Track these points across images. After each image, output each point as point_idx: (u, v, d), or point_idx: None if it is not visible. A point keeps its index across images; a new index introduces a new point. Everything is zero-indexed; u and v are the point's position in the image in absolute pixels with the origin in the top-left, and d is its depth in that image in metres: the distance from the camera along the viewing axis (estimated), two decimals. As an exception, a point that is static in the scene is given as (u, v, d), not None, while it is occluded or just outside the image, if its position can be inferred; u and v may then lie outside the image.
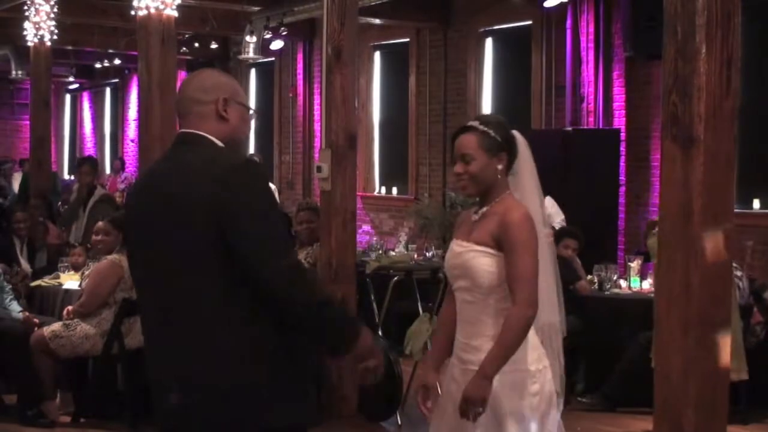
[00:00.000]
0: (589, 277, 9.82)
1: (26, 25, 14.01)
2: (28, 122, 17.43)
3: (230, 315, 3.56)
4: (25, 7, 13.97)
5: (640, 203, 12.91)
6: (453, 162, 4.57)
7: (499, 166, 4.47)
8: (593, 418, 8.59)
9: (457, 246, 4.53)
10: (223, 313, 3.56)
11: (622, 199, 12.85)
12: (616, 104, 13.07)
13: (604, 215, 12.39)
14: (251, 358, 3.58)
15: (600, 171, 12.44)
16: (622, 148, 12.80)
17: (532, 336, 4.41)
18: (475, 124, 4.54)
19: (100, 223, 9.00)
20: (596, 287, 9.74)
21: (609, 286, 9.72)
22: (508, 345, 4.23)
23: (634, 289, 9.73)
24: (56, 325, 8.66)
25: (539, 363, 4.43)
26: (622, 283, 9.85)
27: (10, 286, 9.68)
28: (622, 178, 12.83)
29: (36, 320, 9.13)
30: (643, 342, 8.57)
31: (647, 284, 9.65)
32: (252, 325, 3.57)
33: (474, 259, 4.42)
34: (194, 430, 3.63)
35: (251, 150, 19.14)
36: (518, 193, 4.53)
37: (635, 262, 9.91)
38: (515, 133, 4.58)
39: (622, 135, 12.85)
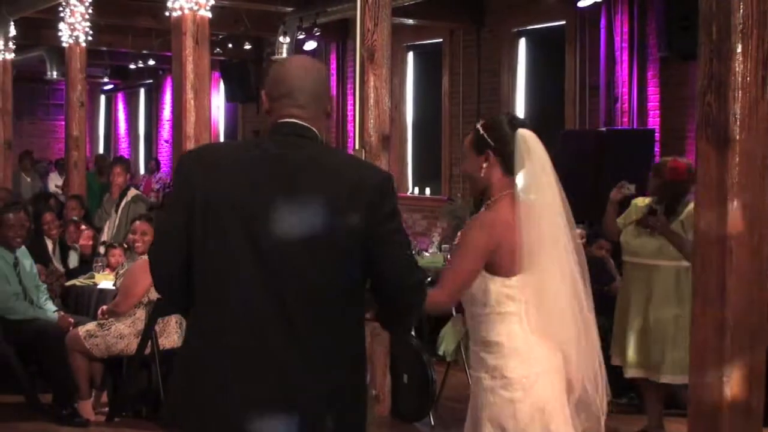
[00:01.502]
0: (620, 277, 9.77)
1: (61, 26, 14.08)
2: (63, 123, 17.51)
3: (354, 315, 3.60)
4: (60, 9, 14.05)
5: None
6: None
7: (484, 165, 4.47)
8: (625, 420, 8.54)
9: None
10: (351, 313, 3.59)
11: (657, 200, 12.79)
12: (650, 104, 13.01)
13: (639, 215, 12.33)
14: (365, 360, 3.70)
15: (634, 171, 12.34)
16: (657, 148, 12.75)
17: (521, 342, 4.37)
18: (477, 124, 4.59)
19: (137, 223, 9.02)
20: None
21: (643, 286, 9.66)
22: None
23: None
24: (91, 325, 8.71)
25: (524, 370, 4.35)
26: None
27: (46, 286, 9.73)
28: (657, 178, 12.77)
29: (71, 320, 9.18)
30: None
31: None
32: (363, 327, 3.65)
33: None
34: None
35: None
36: (531, 193, 4.44)
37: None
38: (521, 131, 4.47)
39: (657, 135, 12.79)
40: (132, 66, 22.64)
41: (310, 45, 17.21)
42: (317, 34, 16.32)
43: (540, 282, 4.39)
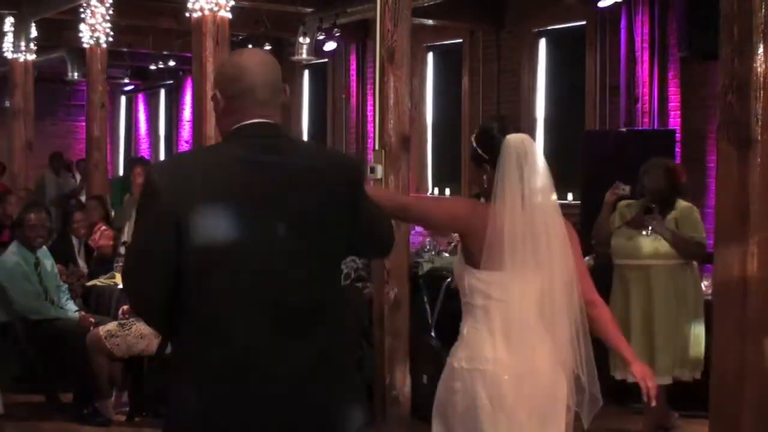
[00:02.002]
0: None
1: (82, 27, 14.12)
2: (83, 124, 17.55)
3: (345, 302, 3.79)
4: (81, 10, 14.08)
5: (696, 204, 12.76)
6: None
7: (484, 176, 4.58)
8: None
9: None
10: (343, 300, 3.74)
11: (677, 201, 12.75)
12: (671, 105, 12.97)
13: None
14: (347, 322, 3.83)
15: (655, 172, 12.34)
16: (677, 149, 12.70)
17: (475, 337, 4.51)
18: (472, 137, 4.74)
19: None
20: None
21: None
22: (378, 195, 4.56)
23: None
24: (112, 325, 8.74)
25: (468, 364, 4.48)
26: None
27: (67, 286, 9.77)
28: (678, 179, 12.73)
29: (92, 319, 9.22)
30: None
31: (704, 287, 9.58)
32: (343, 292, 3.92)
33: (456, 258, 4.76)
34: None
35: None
36: (508, 195, 4.47)
37: (693, 264, 9.83)
38: (508, 138, 4.52)
39: (677, 136, 12.75)
40: (152, 67, 22.66)
41: (330, 45, 17.20)
42: (337, 34, 16.31)
43: (510, 283, 4.46)
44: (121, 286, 9.84)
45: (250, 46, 18.81)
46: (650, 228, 7.99)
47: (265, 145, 3.51)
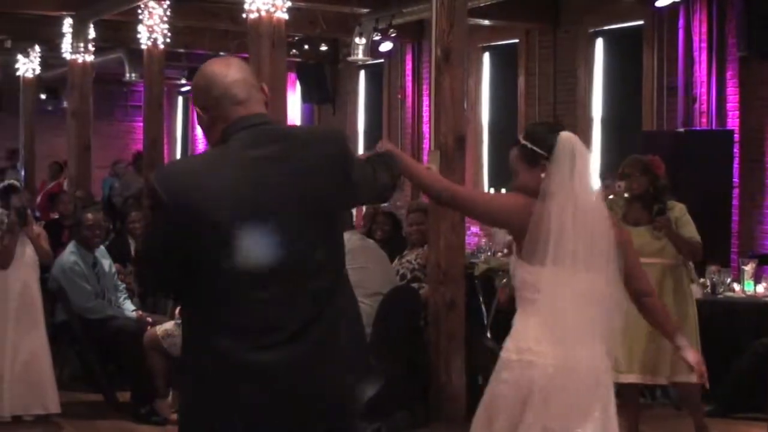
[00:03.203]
0: (702, 280, 9.67)
1: (140, 28, 14.23)
2: (141, 124, 17.67)
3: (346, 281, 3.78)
4: (139, 11, 14.19)
5: (754, 205, 12.69)
6: None
7: (542, 175, 4.65)
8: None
9: None
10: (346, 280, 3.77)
11: (735, 201, 12.63)
12: (729, 105, 12.85)
13: (718, 217, 12.17)
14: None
15: (713, 172, 12.24)
16: (736, 149, 12.59)
17: (523, 327, 4.60)
18: (519, 137, 4.82)
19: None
20: (709, 291, 9.60)
21: (722, 289, 9.58)
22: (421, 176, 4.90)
23: (748, 293, 9.58)
24: (168, 324, 8.78)
25: (516, 354, 4.56)
26: (736, 286, 9.71)
27: (124, 285, 9.84)
28: (736, 179, 12.61)
29: (149, 319, 9.27)
30: (760, 350, 8.44)
31: (761, 288, 9.50)
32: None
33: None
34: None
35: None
36: (566, 193, 4.57)
37: (749, 266, 9.76)
38: (563, 134, 4.66)
39: (736, 136, 12.64)
40: (209, 68, 22.76)
41: (386, 46, 17.20)
42: (393, 35, 16.31)
43: (559, 277, 4.54)
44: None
45: (306, 47, 18.92)
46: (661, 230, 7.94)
47: (256, 136, 3.57)
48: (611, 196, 8.23)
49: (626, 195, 8.08)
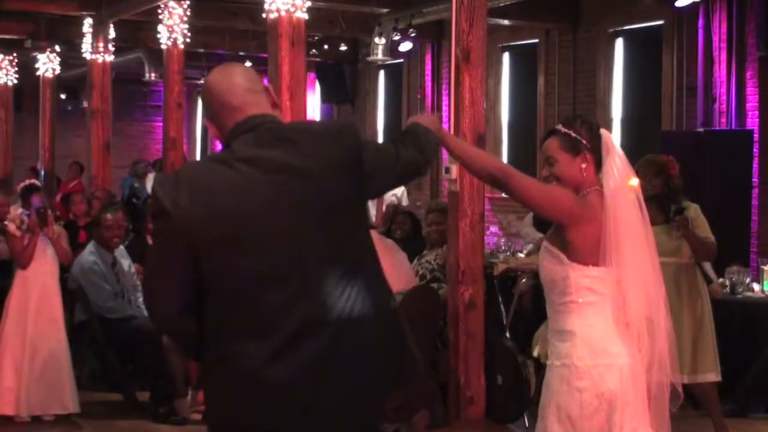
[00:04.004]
0: (721, 280, 9.65)
1: (160, 28, 14.26)
2: (160, 124, 17.71)
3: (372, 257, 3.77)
4: (159, 11, 14.22)
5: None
6: (542, 165, 4.72)
7: (583, 165, 4.58)
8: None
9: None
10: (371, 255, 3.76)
11: (755, 201, 12.60)
12: (749, 105, 12.82)
13: (737, 217, 12.15)
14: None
15: (732, 172, 12.21)
16: (755, 149, 12.56)
17: (594, 333, 4.48)
18: (558, 127, 4.70)
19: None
20: (728, 291, 9.58)
21: (741, 289, 9.55)
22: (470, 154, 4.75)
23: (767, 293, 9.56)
24: (187, 324, 8.78)
25: (592, 360, 4.44)
26: (755, 286, 9.68)
27: (143, 285, 9.85)
28: (755, 179, 12.59)
29: (168, 319, 9.27)
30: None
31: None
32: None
33: (542, 256, 4.60)
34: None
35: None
36: (615, 190, 4.56)
37: (769, 266, 9.74)
38: (603, 130, 4.68)
39: (755, 136, 12.61)
40: (228, 67, 22.80)
41: (406, 46, 17.20)
42: (412, 35, 16.32)
43: (617, 277, 4.48)
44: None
45: (326, 47, 18.93)
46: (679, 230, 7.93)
47: (256, 138, 3.57)
48: None
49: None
